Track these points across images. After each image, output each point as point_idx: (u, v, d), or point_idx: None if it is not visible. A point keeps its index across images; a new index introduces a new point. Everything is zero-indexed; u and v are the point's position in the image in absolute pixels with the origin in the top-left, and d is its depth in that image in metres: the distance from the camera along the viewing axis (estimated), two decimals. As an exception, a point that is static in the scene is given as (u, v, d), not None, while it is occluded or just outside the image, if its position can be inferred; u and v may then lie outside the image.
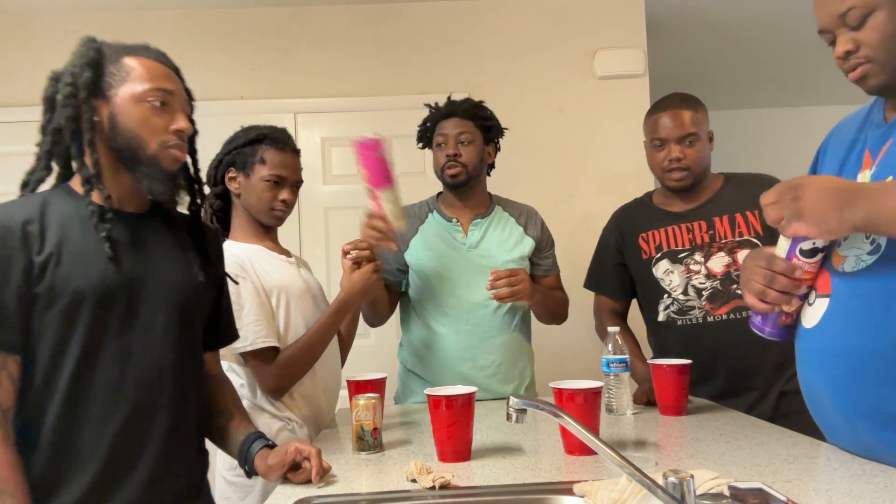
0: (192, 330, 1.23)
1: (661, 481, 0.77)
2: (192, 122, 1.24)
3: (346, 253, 1.69)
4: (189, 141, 1.24)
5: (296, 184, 1.71)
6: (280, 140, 1.68)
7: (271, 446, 1.23)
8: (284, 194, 1.67)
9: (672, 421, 1.50)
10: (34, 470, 1.07)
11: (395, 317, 3.02)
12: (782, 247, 1.10)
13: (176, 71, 1.22)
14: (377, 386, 1.59)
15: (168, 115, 1.16)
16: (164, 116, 1.16)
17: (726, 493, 0.91)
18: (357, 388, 1.57)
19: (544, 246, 1.99)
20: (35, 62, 3.01)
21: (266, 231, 1.71)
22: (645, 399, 1.69)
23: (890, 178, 1.03)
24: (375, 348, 2.97)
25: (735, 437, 1.30)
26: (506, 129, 2.03)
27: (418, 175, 3.04)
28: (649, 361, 1.59)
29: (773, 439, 1.27)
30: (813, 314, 1.12)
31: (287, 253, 1.74)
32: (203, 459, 1.28)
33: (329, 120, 3.07)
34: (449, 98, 2.00)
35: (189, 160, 1.27)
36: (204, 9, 3.03)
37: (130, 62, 1.16)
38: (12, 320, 1.06)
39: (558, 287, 2.03)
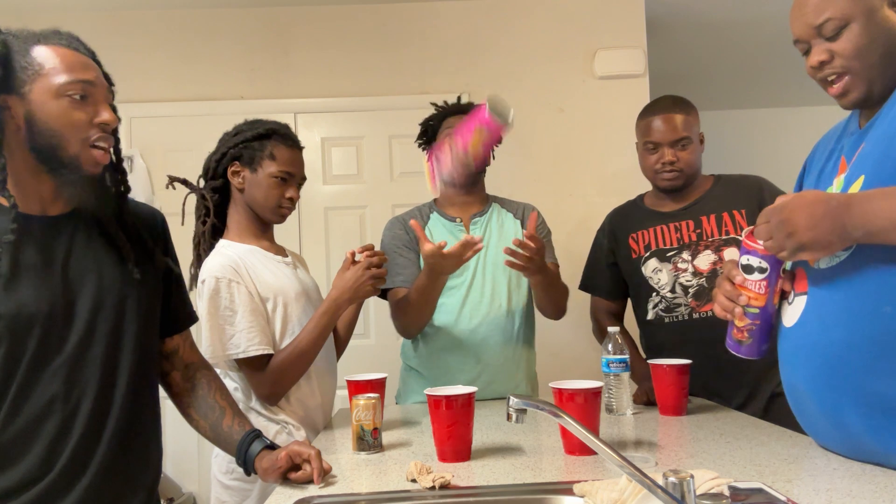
0: (139, 328, 1.15)
1: (661, 481, 0.77)
2: (114, 110, 1.15)
3: (353, 255, 1.65)
4: (112, 131, 1.15)
5: (301, 181, 1.69)
6: (289, 136, 1.67)
7: (270, 446, 1.22)
8: (291, 192, 1.65)
9: (672, 421, 1.50)
10: None
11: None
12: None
13: (93, 56, 1.13)
14: (377, 386, 1.59)
15: (91, 108, 1.07)
16: (86, 110, 1.07)
17: (726, 493, 0.91)
18: (357, 388, 1.57)
19: (541, 236, 1.99)
20: (35, 62, 3.02)
21: (263, 229, 1.69)
22: (645, 399, 1.69)
23: (862, 178, 1.04)
24: (375, 348, 2.97)
25: (735, 437, 1.30)
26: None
27: (418, 175, 3.04)
28: (649, 362, 1.60)
29: (773, 439, 1.27)
30: (792, 313, 1.13)
31: (283, 252, 1.72)
32: (157, 456, 1.24)
33: (329, 120, 3.07)
34: (459, 98, 2.00)
35: (113, 152, 1.16)
36: (204, 9, 3.03)
37: (43, 53, 1.06)
38: None
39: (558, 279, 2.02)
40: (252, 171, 1.62)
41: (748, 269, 1.12)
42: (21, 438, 1.03)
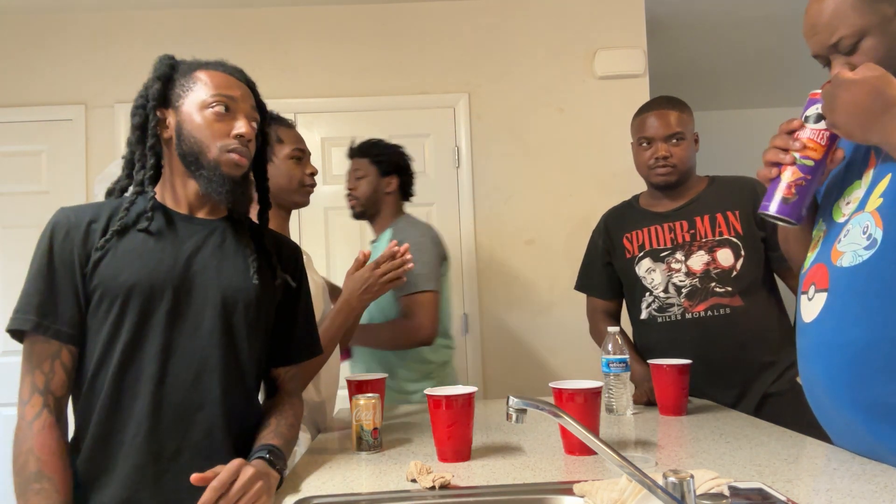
0: (242, 334, 1.19)
1: (661, 481, 0.77)
2: (264, 134, 1.29)
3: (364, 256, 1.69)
4: (259, 153, 1.29)
5: (309, 156, 1.74)
6: (283, 119, 1.71)
7: (271, 462, 1.12)
8: (310, 167, 1.71)
9: (672, 421, 1.50)
10: (82, 464, 1.10)
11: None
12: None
13: (250, 86, 1.27)
14: (377, 386, 1.59)
15: (231, 121, 1.19)
16: (226, 122, 1.19)
17: (726, 493, 0.91)
18: (357, 388, 1.57)
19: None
20: (35, 62, 3.02)
21: (283, 225, 1.69)
22: (645, 399, 1.69)
23: (889, 176, 1.05)
24: (375, 348, 2.97)
25: (735, 437, 1.30)
26: (411, 160, 2.23)
27: (419, 175, 3.04)
28: (650, 362, 1.60)
29: (773, 439, 1.27)
30: (812, 308, 1.13)
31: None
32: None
33: (329, 120, 3.07)
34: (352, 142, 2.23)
35: (254, 165, 1.30)
36: (204, 9, 3.03)
37: (201, 75, 1.21)
38: (68, 312, 1.11)
39: (406, 309, 1.98)
40: (268, 162, 1.64)
41: (816, 118, 1.11)
42: (125, 407, 1.10)
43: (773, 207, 1.13)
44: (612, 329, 1.60)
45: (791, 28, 3.37)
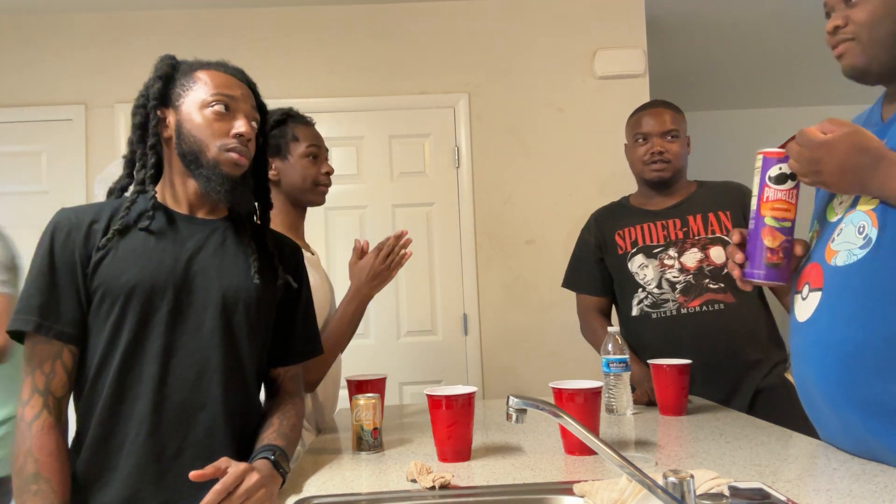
0: (243, 334, 1.19)
1: (661, 481, 0.77)
2: (264, 134, 1.30)
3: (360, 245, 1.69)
4: (260, 152, 1.29)
5: (327, 153, 1.72)
6: (302, 115, 1.70)
7: (275, 462, 1.11)
8: (325, 166, 1.68)
9: (672, 421, 1.50)
10: (84, 464, 1.10)
11: (396, 320, 3.03)
12: (755, 180, 1.15)
13: (251, 86, 1.27)
14: (377, 386, 1.59)
15: (230, 121, 1.19)
16: (226, 121, 1.19)
17: (726, 493, 0.91)
18: (357, 388, 1.57)
19: None
20: (35, 62, 3.02)
21: (297, 223, 1.68)
22: (645, 399, 1.69)
23: None
24: (375, 348, 2.97)
25: (735, 437, 1.30)
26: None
27: (418, 175, 3.05)
28: (650, 362, 1.60)
29: (773, 439, 1.27)
30: (806, 308, 1.13)
31: (308, 249, 1.72)
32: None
33: (329, 120, 3.07)
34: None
35: (255, 166, 1.30)
36: (204, 9, 3.03)
37: (201, 75, 1.21)
38: (70, 312, 1.11)
39: None
40: (283, 159, 1.64)
41: (781, 178, 1.12)
42: (126, 410, 1.10)
43: (762, 275, 1.15)
44: (612, 329, 1.60)
45: (792, 27, 3.37)
